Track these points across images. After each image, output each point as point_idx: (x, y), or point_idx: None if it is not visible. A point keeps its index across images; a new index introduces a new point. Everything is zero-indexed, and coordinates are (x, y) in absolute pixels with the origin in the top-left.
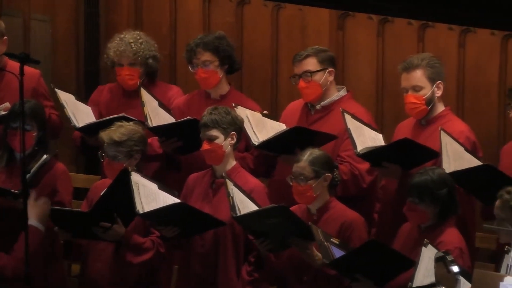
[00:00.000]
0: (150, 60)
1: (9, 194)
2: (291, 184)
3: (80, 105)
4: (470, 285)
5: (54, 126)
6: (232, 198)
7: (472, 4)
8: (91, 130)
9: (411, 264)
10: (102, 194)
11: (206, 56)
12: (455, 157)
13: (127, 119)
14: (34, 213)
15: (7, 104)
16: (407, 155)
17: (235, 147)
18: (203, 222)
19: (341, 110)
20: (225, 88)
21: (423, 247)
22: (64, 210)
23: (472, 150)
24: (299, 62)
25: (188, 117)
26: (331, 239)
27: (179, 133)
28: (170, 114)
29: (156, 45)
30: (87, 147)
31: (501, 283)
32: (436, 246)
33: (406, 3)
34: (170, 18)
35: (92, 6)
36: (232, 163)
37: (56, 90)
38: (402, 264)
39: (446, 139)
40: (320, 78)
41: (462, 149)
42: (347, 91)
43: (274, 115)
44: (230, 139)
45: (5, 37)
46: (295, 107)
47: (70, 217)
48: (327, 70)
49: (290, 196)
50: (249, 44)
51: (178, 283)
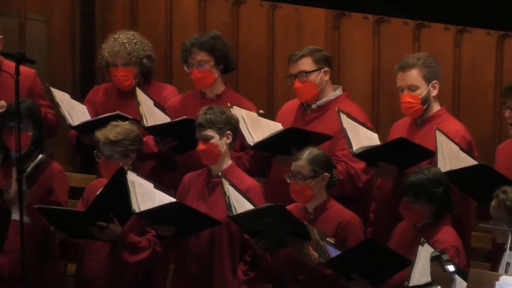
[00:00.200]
0: (145, 60)
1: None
2: (288, 181)
3: (75, 103)
4: (466, 284)
5: (50, 125)
6: (228, 197)
7: (468, 4)
8: (86, 128)
9: (407, 263)
10: (98, 194)
11: (202, 56)
12: (451, 156)
13: (122, 117)
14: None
15: (2, 102)
16: (402, 155)
17: (230, 146)
18: (199, 222)
19: (336, 110)
20: (220, 88)
21: (420, 246)
22: (60, 210)
23: (467, 150)
24: (294, 62)
25: (184, 116)
26: (327, 239)
27: (175, 132)
28: (166, 113)
29: (150, 44)
30: (82, 146)
31: (496, 282)
32: (432, 245)
33: (402, 3)
34: (166, 17)
35: (88, 6)
36: (228, 162)
37: (51, 88)
38: (398, 263)
39: (441, 139)
40: (315, 78)
41: (457, 148)
42: (343, 90)
43: (269, 115)
44: (225, 138)
45: (0, 36)
46: (291, 106)
47: (66, 216)
48: (323, 70)
49: (286, 195)
50: (244, 43)
51: (174, 283)
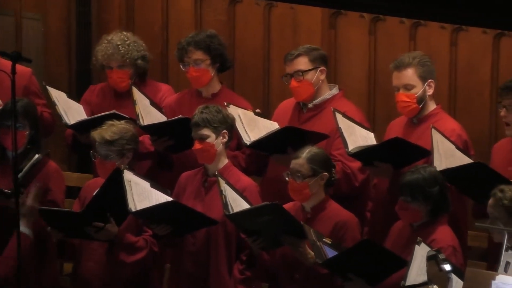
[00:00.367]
0: (139, 61)
1: (0, 194)
2: (287, 179)
3: (72, 102)
4: (462, 283)
5: (46, 124)
6: (225, 196)
7: (464, 2)
8: (82, 127)
9: (404, 263)
10: (94, 194)
11: (198, 55)
12: (447, 155)
13: (118, 116)
14: (23, 218)
15: None
16: (398, 154)
17: (227, 145)
18: (196, 221)
19: (332, 110)
20: (216, 86)
21: (416, 245)
22: (57, 211)
23: (463, 149)
24: (290, 62)
25: (180, 115)
26: (324, 239)
27: (171, 131)
28: (162, 112)
29: (144, 44)
30: (78, 145)
31: (493, 282)
32: (429, 244)
33: (398, 1)
34: (162, 16)
35: (83, 5)
36: (224, 161)
37: (48, 87)
38: (395, 264)
39: (437, 137)
40: (311, 77)
41: (453, 147)
42: (339, 89)
43: (266, 114)
44: (221, 137)
45: None
46: (287, 105)
47: (63, 217)
48: (319, 69)
49: (282, 194)
50: (241, 42)
51: (170, 282)
